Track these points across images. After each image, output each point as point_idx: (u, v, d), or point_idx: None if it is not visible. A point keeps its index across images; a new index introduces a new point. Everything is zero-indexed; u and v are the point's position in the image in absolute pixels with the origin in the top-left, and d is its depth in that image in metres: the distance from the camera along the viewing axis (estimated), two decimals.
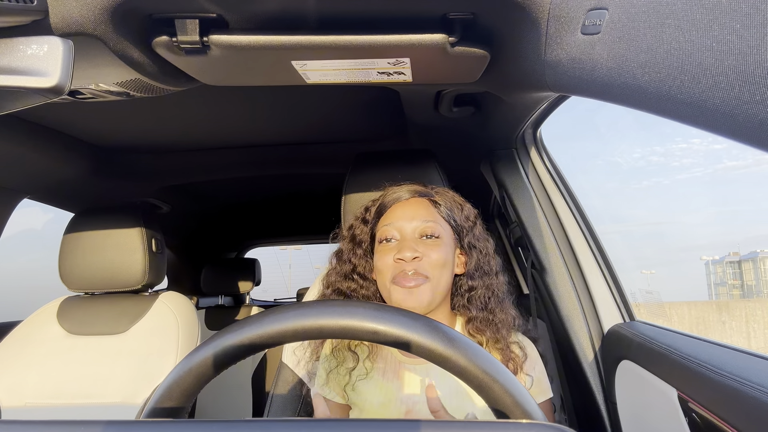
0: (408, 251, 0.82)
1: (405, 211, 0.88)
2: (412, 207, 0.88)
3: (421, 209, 0.87)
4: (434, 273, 0.83)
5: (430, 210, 0.88)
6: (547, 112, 1.14)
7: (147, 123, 1.36)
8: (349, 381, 0.86)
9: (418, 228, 0.85)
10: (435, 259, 0.83)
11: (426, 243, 0.84)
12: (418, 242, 0.85)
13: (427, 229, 0.85)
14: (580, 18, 0.53)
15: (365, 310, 0.44)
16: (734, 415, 0.59)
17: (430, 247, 0.84)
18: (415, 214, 0.87)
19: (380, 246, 0.88)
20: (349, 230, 0.96)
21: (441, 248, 0.84)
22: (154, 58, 0.74)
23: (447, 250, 0.85)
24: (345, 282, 0.93)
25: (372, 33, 0.68)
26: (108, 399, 1.21)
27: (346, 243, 0.96)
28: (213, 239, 2.81)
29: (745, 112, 0.33)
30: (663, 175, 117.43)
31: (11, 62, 0.54)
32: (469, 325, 0.87)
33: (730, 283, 19.10)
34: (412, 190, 0.91)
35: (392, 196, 0.91)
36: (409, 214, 0.87)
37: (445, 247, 0.85)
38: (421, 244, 0.84)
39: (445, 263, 0.84)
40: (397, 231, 0.86)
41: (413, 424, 0.36)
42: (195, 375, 0.44)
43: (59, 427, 0.37)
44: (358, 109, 1.34)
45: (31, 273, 8.98)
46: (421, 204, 0.88)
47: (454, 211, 0.90)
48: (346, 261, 0.94)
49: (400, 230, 0.86)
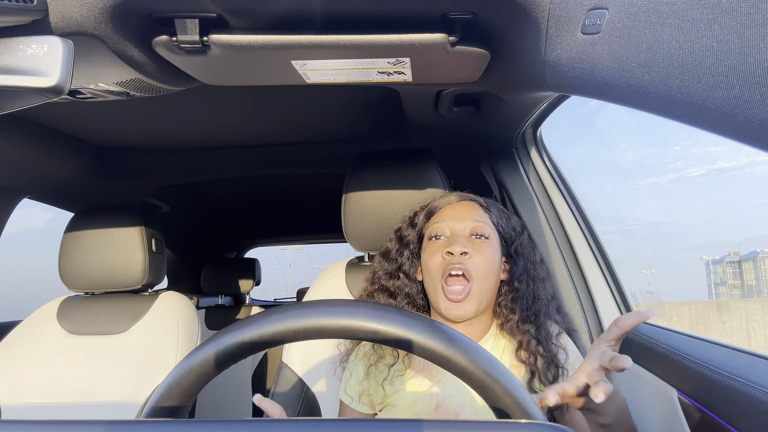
0: (457, 246, 0.84)
1: (456, 211, 0.91)
2: (463, 207, 0.91)
3: (472, 210, 0.90)
4: (479, 276, 0.84)
5: (481, 212, 0.90)
6: (547, 112, 1.14)
7: (147, 123, 1.36)
8: (387, 376, 0.88)
9: (469, 227, 0.88)
10: (482, 260, 0.84)
11: (475, 242, 0.86)
12: (468, 240, 0.87)
13: (477, 228, 0.87)
14: (580, 18, 0.53)
15: (366, 310, 0.44)
16: (734, 415, 0.59)
17: (479, 247, 0.86)
18: (467, 213, 0.89)
19: (429, 243, 0.90)
20: (397, 232, 1.00)
21: (489, 249, 0.86)
22: (154, 58, 0.74)
23: (494, 253, 0.87)
24: (390, 280, 0.96)
25: (372, 33, 0.68)
26: (108, 398, 1.21)
27: (393, 243, 0.99)
28: (213, 239, 2.81)
29: (745, 112, 0.33)
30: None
31: (11, 62, 0.54)
32: (505, 327, 0.87)
33: (730, 283, 19.09)
34: (463, 196, 0.95)
35: (443, 199, 0.95)
36: (461, 213, 0.90)
37: (493, 249, 0.87)
38: (470, 243, 0.86)
39: (491, 266, 0.85)
40: (448, 228, 0.89)
41: (413, 423, 0.36)
42: (195, 374, 0.44)
43: (59, 426, 0.37)
44: (358, 109, 1.34)
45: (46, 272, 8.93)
46: (471, 206, 0.91)
47: (501, 218, 0.93)
48: (392, 260, 0.97)
49: (451, 228, 0.88)
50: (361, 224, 1.11)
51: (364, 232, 1.12)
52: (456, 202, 0.93)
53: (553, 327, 0.89)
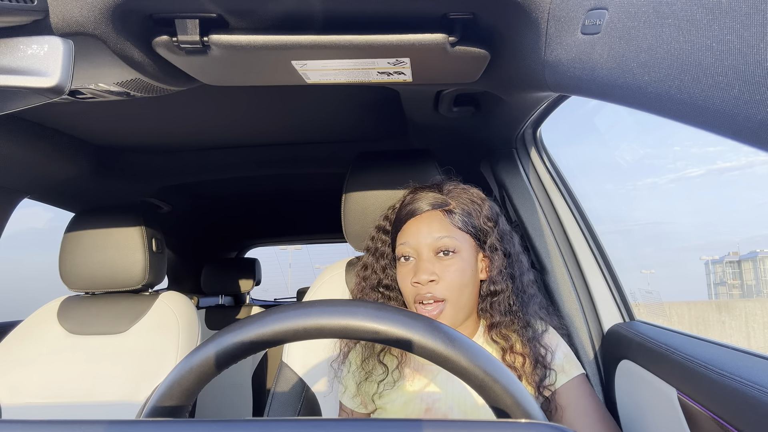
0: (424, 274, 0.82)
1: (419, 227, 0.86)
2: (425, 222, 0.86)
3: (434, 224, 0.85)
4: (452, 295, 0.82)
5: (444, 223, 0.85)
6: (547, 112, 1.14)
7: (147, 123, 1.36)
8: (377, 390, 0.88)
9: (433, 246, 0.84)
10: (452, 281, 0.82)
11: (443, 261, 0.84)
12: (434, 261, 0.84)
13: (441, 246, 0.84)
14: (580, 18, 0.53)
15: (366, 309, 0.44)
16: (734, 415, 0.59)
17: (447, 266, 0.83)
18: (429, 229, 0.85)
19: (399, 264, 0.88)
20: (372, 241, 0.98)
21: (458, 265, 0.83)
22: (154, 58, 0.74)
23: (465, 266, 0.84)
24: (373, 293, 0.95)
25: (372, 33, 0.68)
26: (108, 398, 1.21)
27: (370, 257, 0.98)
28: (213, 239, 2.81)
29: (745, 112, 0.33)
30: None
31: (11, 62, 0.54)
32: (492, 331, 0.86)
33: (729, 283, 19.11)
34: (427, 201, 0.88)
35: (406, 209, 0.89)
36: (424, 230, 0.85)
37: (463, 262, 0.84)
38: (438, 263, 0.83)
39: (463, 283, 0.83)
40: (412, 249, 0.86)
41: (414, 423, 0.36)
42: (196, 374, 0.45)
43: (59, 426, 0.37)
44: (358, 109, 1.34)
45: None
46: (434, 218, 0.86)
47: (471, 214, 0.87)
48: (371, 274, 0.96)
49: (416, 248, 0.85)
50: (361, 224, 1.11)
51: (364, 232, 1.12)
52: (419, 216, 0.88)
53: (539, 324, 0.87)
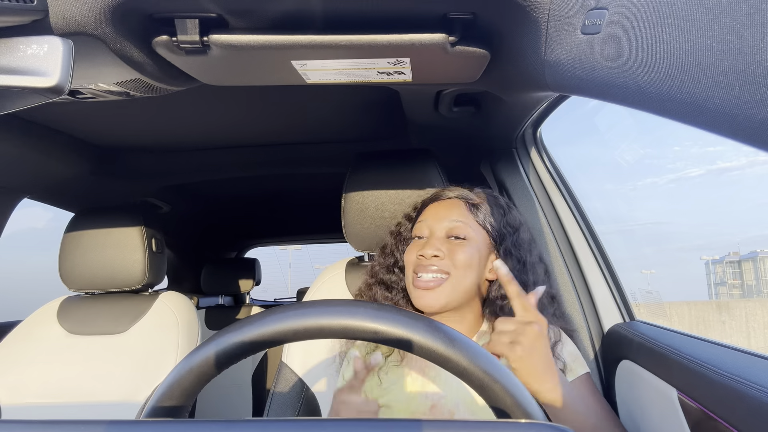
0: (430, 249, 0.84)
1: (438, 211, 0.90)
2: (445, 207, 0.90)
3: (453, 210, 0.89)
4: (456, 271, 0.84)
5: (463, 212, 0.89)
6: (547, 112, 1.14)
7: (147, 123, 1.36)
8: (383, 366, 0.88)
9: (446, 227, 0.87)
10: (459, 259, 0.84)
11: (452, 243, 0.86)
12: (444, 242, 0.86)
13: (454, 230, 0.86)
14: (580, 18, 0.53)
15: (366, 309, 0.44)
16: (734, 415, 0.59)
17: (456, 246, 0.85)
18: (446, 213, 0.89)
19: (412, 242, 0.91)
20: (397, 226, 1.01)
21: (467, 249, 0.85)
22: (154, 58, 0.74)
23: (473, 253, 0.85)
24: (387, 274, 0.97)
25: (372, 33, 0.68)
26: (108, 398, 1.21)
27: (391, 238, 1.01)
28: (213, 239, 2.81)
29: (745, 112, 0.33)
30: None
31: (11, 62, 0.55)
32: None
33: (730, 283, 19.11)
34: (454, 191, 0.94)
35: (433, 194, 0.95)
36: (441, 213, 0.89)
37: (472, 249, 0.85)
38: (447, 244, 0.86)
39: (469, 264, 0.84)
40: (427, 228, 0.89)
41: (414, 423, 0.36)
42: (196, 374, 0.44)
43: (59, 426, 0.37)
44: (358, 109, 1.34)
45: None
46: (454, 205, 0.90)
47: (494, 216, 0.90)
48: (389, 254, 0.99)
49: (430, 228, 0.89)
50: (361, 224, 1.11)
51: (364, 232, 1.12)
52: (440, 201, 0.92)
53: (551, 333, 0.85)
